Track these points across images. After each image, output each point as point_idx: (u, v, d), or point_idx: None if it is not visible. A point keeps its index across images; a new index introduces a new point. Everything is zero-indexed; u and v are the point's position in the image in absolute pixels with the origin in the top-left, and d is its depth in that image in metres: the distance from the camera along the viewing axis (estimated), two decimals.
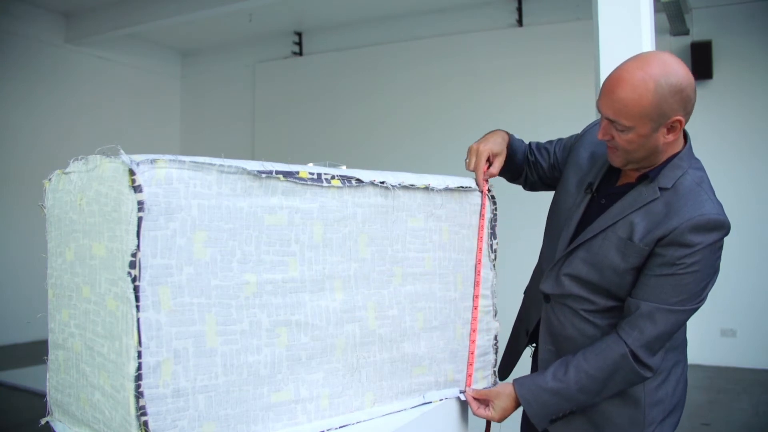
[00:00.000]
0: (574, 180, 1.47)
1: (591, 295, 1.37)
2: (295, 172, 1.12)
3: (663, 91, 1.21)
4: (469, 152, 1.48)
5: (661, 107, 1.22)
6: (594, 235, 1.35)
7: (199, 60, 8.38)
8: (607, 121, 1.27)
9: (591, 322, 1.38)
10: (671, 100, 1.22)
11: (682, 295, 1.27)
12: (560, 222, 1.45)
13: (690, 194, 1.27)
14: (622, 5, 2.27)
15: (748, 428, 3.94)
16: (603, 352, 1.31)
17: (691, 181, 1.29)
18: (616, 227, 1.32)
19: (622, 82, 1.23)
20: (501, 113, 6.26)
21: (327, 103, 7.37)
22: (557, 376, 1.33)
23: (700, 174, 1.32)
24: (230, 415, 1.06)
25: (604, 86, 1.27)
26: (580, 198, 1.43)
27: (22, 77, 6.61)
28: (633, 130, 1.24)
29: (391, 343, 1.29)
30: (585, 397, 1.32)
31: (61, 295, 1.17)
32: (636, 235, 1.28)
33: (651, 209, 1.29)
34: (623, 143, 1.27)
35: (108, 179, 1.00)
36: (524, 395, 1.34)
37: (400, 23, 6.97)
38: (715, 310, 5.52)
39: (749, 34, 5.51)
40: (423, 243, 1.34)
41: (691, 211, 1.24)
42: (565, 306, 1.41)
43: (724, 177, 5.55)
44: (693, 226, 1.23)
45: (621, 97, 1.22)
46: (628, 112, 1.22)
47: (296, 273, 1.13)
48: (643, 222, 1.29)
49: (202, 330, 1.02)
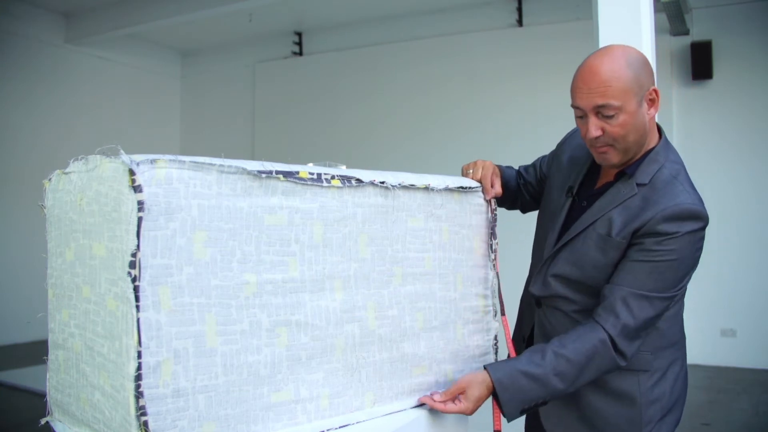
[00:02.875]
0: (557, 185, 1.49)
1: (575, 294, 1.38)
2: (295, 172, 1.12)
3: (634, 65, 1.27)
4: (475, 164, 1.50)
5: (638, 79, 1.26)
6: (576, 235, 1.37)
7: (199, 60, 8.38)
8: (595, 115, 1.28)
9: (580, 322, 1.37)
10: (642, 72, 1.28)
11: (657, 283, 1.27)
12: (546, 226, 1.48)
13: (666, 187, 1.29)
14: (622, 5, 2.27)
15: (748, 428, 3.94)
16: (581, 338, 1.28)
17: (668, 175, 1.32)
18: (596, 225, 1.34)
19: (595, 69, 1.26)
20: (501, 113, 6.26)
21: (327, 103, 7.37)
22: (534, 360, 1.27)
23: (677, 167, 1.34)
24: (230, 415, 1.06)
25: (579, 82, 1.29)
26: (563, 201, 1.46)
27: (22, 77, 6.60)
28: (622, 110, 1.26)
29: (391, 343, 1.29)
30: (561, 384, 1.27)
31: (61, 295, 1.17)
32: (614, 231, 1.30)
33: (628, 205, 1.31)
34: (617, 130, 1.28)
35: (108, 179, 1.00)
36: (500, 379, 1.27)
37: (400, 23, 6.97)
38: (715, 310, 5.53)
39: (749, 34, 5.50)
40: (423, 243, 1.34)
41: (666, 202, 1.27)
42: (555, 309, 1.42)
43: (724, 177, 5.56)
44: (667, 216, 1.25)
45: (602, 79, 1.25)
46: (614, 91, 1.25)
47: (296, 273, 1.13)
48: (620, 217, 1.31)
49: (202, 330, 1.02)
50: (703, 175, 5.61)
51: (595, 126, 1.28)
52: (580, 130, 1.35)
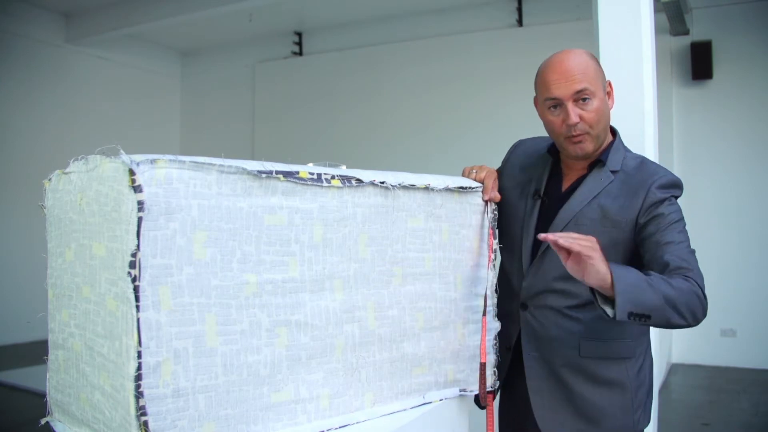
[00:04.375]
0: (515, 193, 1.53)
1: (574, 286, 1.36)
2: (295, 172, 1.12)
3: (594, 59, 1.42)
4: (480, 167, 1.51)
5: (599, 71, 1.42)
6: (565, 225, 1.41)
7: (199, 60, 8.38)
8: (573, 102, 1.37)
9: (574, 318, 1.42)
10: (599, 66, 1.43)
11: (686, 237, 1.35)
12: (515, 233, 1.50)
13: (641, 169, 1.42)
14: (622, 5, 2.27)
15: (748, 428, 3.94)
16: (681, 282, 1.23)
17: (634, 160, 1.45)
18: (584, 211, 1.40)
19: (567, 62, 1.38)
20: (501, 113, 6.26)
21: (327, 103, 7.37)
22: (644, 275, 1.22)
23: (636, 154, 1.48)
24: (230, 415, 1.06)
25: (554, 75, 1.38)
26: (530, 205, 1.50)
27: (22, 77, 6.60)
28: (595, 95, 1.38)
29: (391, 343, 1.29)
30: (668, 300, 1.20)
31: (61, 295, 1.17)
32: (610, 212, 1.38)
33: (610, 191, 1.40)
34: (593, 116, 1.37)
35: (108, 179, 1.00)
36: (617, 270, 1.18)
37: (400, 23, 6.97)
38: (715, 310, 5.48)
39: (749, 34, 5.50)
40: (423, 243, 1.34)
41: (650, 177, 1.38)
42: (546, 307, 1.45)
43: (724, 177, 5.56)
44: (659, 185, 1.37)
45: (577, 69, 1.37)
46: (588, 76, 1.37)
47: (296, 273, 1.13)
48: (608, 201, 1.39)
49: (202, 330, 1.02)
50: (703, 175, 5.62)
51: (575, 112, 1.37)
52: (552, 124, 1.42)
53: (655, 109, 2.26)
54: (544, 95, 1.41)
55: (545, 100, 1.41)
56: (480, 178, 1.48)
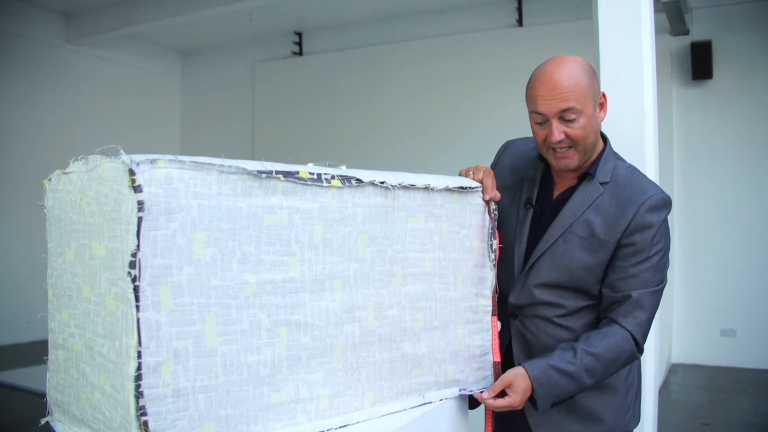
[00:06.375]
0: (506, 198, 1.52)
1: (561, 299, 1.43)
2: (295, 172, 1.12)
3: (588, 71, 1.36)
4: (477, 167, 1.51)
5: (592, 85, 1.36)
6: (554, 241, 1.42)
7: (199, 60, 8.38)
8: (558, 120, 1.34)
9: (564, 326, 1.44)
10: (594, 78, 1.38)
11: (657, 275, 1.38)
12: (508, 241, 1.50)
13: (630, 182, 1.40)
14: (622, 5, 2.27)
15: (748, 428, 3.94)
16: (607, 337, 1.36)
17: (625, 170, 1.43)
18: (573, 228, 1.41)
19: (556, 77, 1.33)
20: (501, 113, 6.25)
21: (327, 103, 7.37)
22: (565, 358, 1.34)
23: (627, 164, 1.46)
24: (230, 415, 1.06)
25: (540, 90, 1.35)
26: (522, 214, 1.50)
27: (22, 77, 6.60)
28: (583, 113, 1.34)
29: (391, 343, 1.29)
30: (590, 379, 1.35)
31: (61, 295, 1.17)
32: (597, 230, 1.38)
33: (600, 205, 1.40)
34: (579, 133, 1.35)
35: (108, 179, 1.00)
36: (536, 376, 1.33)
37: (400, 23, 6.97)
38: (715, 310, 5.53)
39: (749, 34, 5.50)
40: (423, 243, 1.34)
41: (640, 195, 1.37)
42: (536, 317, 1.46)
43: (724, 177, 5.56)
44: (649, 208, 1.36)
45: (564, 86, 1.32)
46: (576, 94, 1.33)
47: (296, 273, 1.13)
48: (597, 217, 1.39)
49: (202, 330, 1.02)
50: (703, 174, 5.62)
51: (559, 130, 1.35)
52: (538, 136, 1.40)
53: (655, 109, 2.26)
54: (530, 107, 1.39)
55: (531, 113, 1.39)
56: (479, 178, 1.48)
